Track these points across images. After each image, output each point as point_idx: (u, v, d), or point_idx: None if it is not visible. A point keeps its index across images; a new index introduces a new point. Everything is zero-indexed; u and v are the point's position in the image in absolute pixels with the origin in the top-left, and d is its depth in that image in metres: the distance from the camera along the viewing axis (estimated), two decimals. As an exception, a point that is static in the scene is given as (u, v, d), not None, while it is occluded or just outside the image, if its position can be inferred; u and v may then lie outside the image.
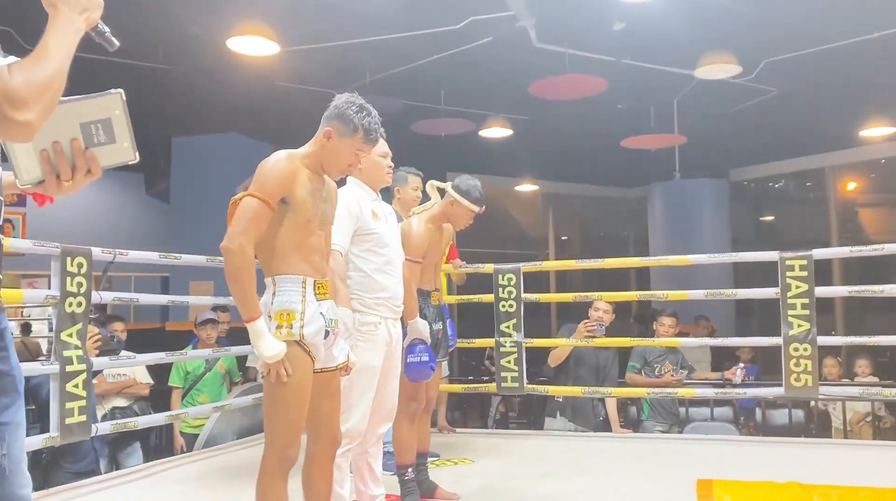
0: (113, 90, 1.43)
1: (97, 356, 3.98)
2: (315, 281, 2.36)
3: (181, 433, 5.45)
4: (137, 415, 4.98)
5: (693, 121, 8.82)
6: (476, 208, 3.40)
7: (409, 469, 3.26)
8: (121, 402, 5.18)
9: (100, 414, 4.99)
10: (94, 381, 4.98)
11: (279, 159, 2.32)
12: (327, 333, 2.36)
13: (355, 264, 2.90)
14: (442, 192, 3.44)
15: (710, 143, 9.67)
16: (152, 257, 4.24)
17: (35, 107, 1.29)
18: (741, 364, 5.62)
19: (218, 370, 5.60)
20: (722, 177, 10.56)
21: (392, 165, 3.08)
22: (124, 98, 1.44)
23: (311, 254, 2.36)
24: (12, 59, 1.31)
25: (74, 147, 1.43)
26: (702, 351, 7.04)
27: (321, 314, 2.34)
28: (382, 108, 8.76)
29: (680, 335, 6.04)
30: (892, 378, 6.49)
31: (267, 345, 2.21)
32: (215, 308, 5.84)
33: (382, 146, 3.01)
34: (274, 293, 2.31)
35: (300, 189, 2.32)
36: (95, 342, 4.04)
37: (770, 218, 13.33)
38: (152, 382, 5.32)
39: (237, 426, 5.26)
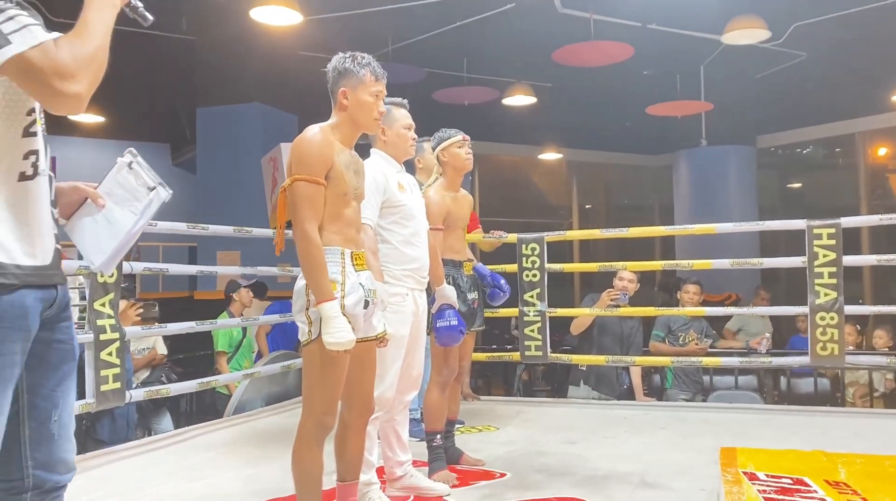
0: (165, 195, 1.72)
1: (139, 322, 4.06)
2: (352, 252, 2.39)
3: (226, 395, 5.56)
4: (164, 383, 5.12)
5: (720, 87, 8.68)
6: (458, 138, 3.38)
7: (438, 436, 3.30)
8: (144, 374, 5.31)
9: None
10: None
11: (315, 134, 2.35)
12: (367, 303, 2.39)
13: (383, 236, 2.91)
14: (439, 160, 3.43)
15: (736, 109, 9.51)
16: (180, 227, 4.29)
17: (83, 79, 1.35)
18: (767, 334, 5.58)
19: (250, 337, 5.71)
20: (749, 144, 10.39)
21: (416, 136, 3.07)
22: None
23: (346, 227, 2.40)
24: (56, 34, 1.36)
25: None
26: (763, 322, 6.98)
27: (360, 284, 2.38)
28: (404, 76, 8.72)
29: (705, 303, 6.02)
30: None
31: (335, 330, 2.23)
32: (247, 278, 5.90)
33: (406, 118, 3.01)
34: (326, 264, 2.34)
35: (337, 162, 2.35)
36: (138, 309, 4.13)
37: (797, 185, 13.15)
38: (166, 352, 5.45)
39: (266, 393, 5.34)
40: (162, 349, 5.44)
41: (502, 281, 3.63)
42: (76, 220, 1.71)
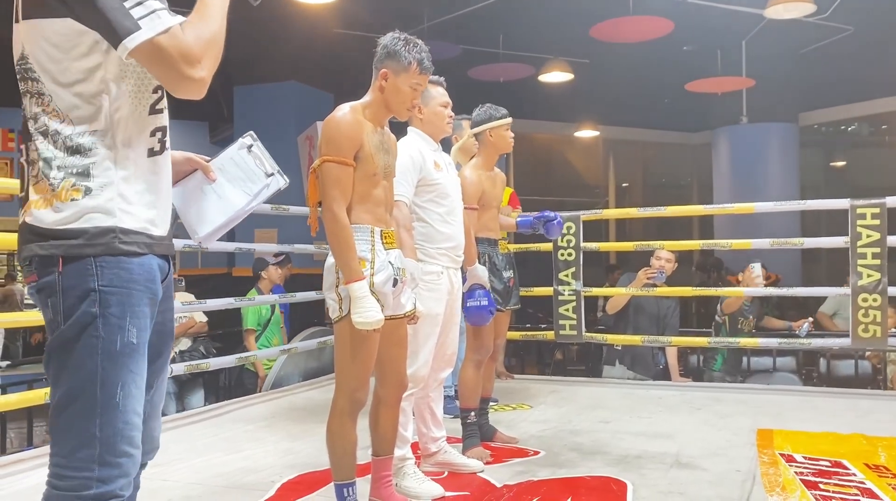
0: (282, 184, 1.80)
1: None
2: (382, 231, 2.41)
3: (253, 372, 5.65)
4: (204, 356, 5.22)
5: (762, 63, 8.48)
6: (507, 121, 3.38)
7: (472, 413, 3.33)
8: (185, 344, 5.42)
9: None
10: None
11: (344, 115, 2.35)
12: (396, 281, 2.41)
13: (418, 214, 2.92)
14: (476, 136, 3.41)
15: (779, 85, 9.29)
16: (219, 205, 4.34)
17: (207, 63, 1.40)
18: (810, 318, 5.48)
19: (279, 315, 5.77)
20: (791, 121, 10.15)
21: (453, 114, 3.06)
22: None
23: (376, 206, 2.41)
24: (181, 18, 1.40)
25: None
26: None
27: (389, 263, 2.40)
28: (439, 53, 8.69)
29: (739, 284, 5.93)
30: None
31: (364, 310, 2.26)
32: (277, 255, 5.97)
33: (443, 96, 3.00)
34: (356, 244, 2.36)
35: (367, 142, 2.36)
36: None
37: (841, 164, 12.84)
38: (206, 319, 5.54)
39: (303, 368, 5.44)
40: (201, 318, 5.55)
41: (547, 212, 3.66)
42: (182, 188, 1.74)
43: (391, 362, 2.51)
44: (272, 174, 1.76)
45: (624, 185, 14.01)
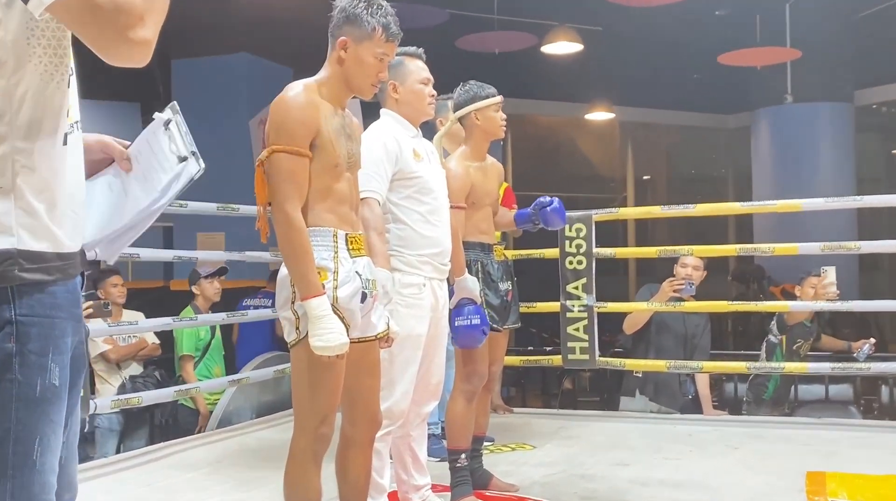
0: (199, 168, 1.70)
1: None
2: (347, 235, 2.41)
3: (191, 409, 5.63)
4: (160, 383, 5.20)
5: (810, 31, 8.56)
6: (497, 100, 3.38)
7: (463, 455, 3.33)
8: (135, 369, 5.41)
9: (116, 385, 5.23)
10: (109, 347, 5.23)
11: (297, 94, 2.36)
12: (364, 296, 2.42)
13: (394, 214, 2.93)
14: (461, 121, 3.41)
15: (830, 58, 9.38)
16: (152, 204, 4.33)
17: (150, 23, 1.35)
18: (872, 339, 5.52)
19: (219, 338, 5.75)
20: (845, 100, 10.24)
21: (435, 93, 3.07)
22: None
23: (339, 203, 2.41)
24: None
25: None
26: None
27: (357, 273, 2.40)
28: (423, 20, 8.70)
29: (789, 297, 5.98)
30: None
31: (324, 332, 2.25)
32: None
33: (423, 71, 3.02)
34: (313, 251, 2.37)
35: (325, 127, 2.36)
36: (86, 309, 4.19)
37: (906, 151, 12.97)
38: (158, 341, 5.53)
39: (256, 403, 5.43)
40: (153, 340, 5.53)
41: (544, 198, 3.62)
42: (93, 183, 1.67)
43: (361, 394, 2.52)
44: (185, 158, 1.66)
45: (645, 178, 14.09)
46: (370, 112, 2.70)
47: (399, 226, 2.94)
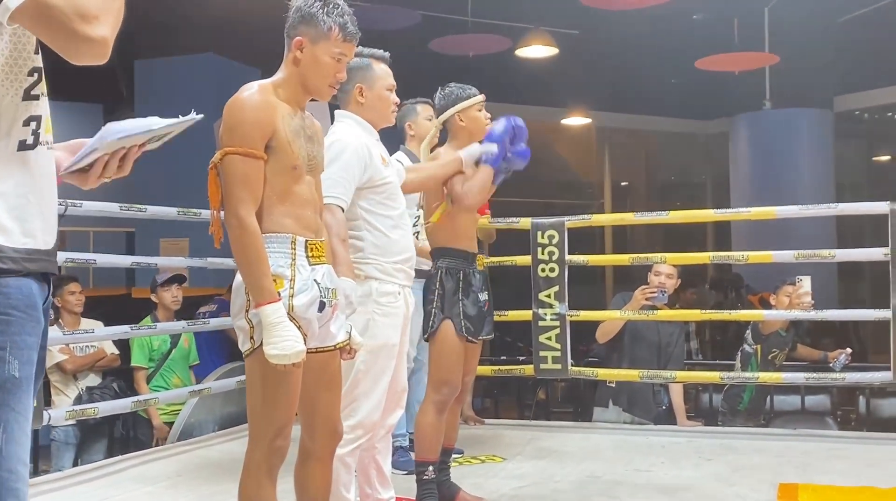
0: (197, 116, 1.73)
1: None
2: (307, 241, 2.41)
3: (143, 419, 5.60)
4: (118, 394, 5.17)
5: (789, 35, 8.67)
6: (479, 99, 3.42)
7: (431, 468, 3.34)
8: (93, 380, 5.37)
9: (72, 396, 5.20)
10: (65, 357, 5.19)
11: (251, 95, 2.36)
12: (323, 305, 2.41)
13: (367, 221, 2.95)
14: (444, 124, 3.45)
15: (809, 63, 9.49)
16: (112, 208, 4.32)
17: (107, 21, 1.43)
18: (848, 349, 5.60)
19: (183, 347, 5.72)
20: (825, 106, 10.37)
21: (398, 100, 3.09)
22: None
23: (299, 207, 2.41)
24: None
25: (131, 152, 1.67)
26: None
27: (315, 281, 2.40)
28: (394, 21, 8.69)
29: (767, 306, 6.04)
30: None
31: (279, 339, 2.24)
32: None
33: (390, 77, 3.03)
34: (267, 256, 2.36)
35: (283, 128, 2.36)
36: None
37: (886, 158, 13.14)
38: (118, 352, 5.50)
39: (219, 415, 5.41)
40: (112, 350, 5.50)
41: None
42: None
43: (321, 406, 2.52)
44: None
45: (623, 184, 14.19)
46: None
47: (374, 233, 2.95)
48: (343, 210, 2.84)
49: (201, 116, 1.74)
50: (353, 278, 2.75)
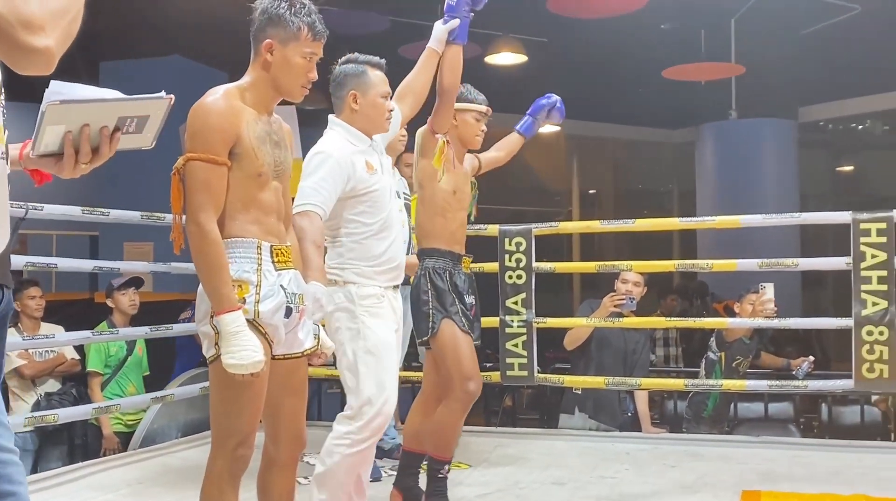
0: (165, 95, 1.71)
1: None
2: (272, 246, 2.40)
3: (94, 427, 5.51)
4: (77, 400, 5.09)
5: (754, 46, 8.78)
6: (481, 107, 3.45)
7: (446, 467, 3.37)
8: (52, 386, 5.28)
9: (31, 402, 5.11)
10: (24, 362, 5.11)
11: (215, 100, 2.35)
12: (290, 310, 2.40)
13: (348, 229, 2.96)
14: None
15: (775, 74, 9.62)
16: (74, 212, 4.27)
17: (53, 32, 1.42)
18: (811, 357, 5.67)
19: (137, 354, 5.65)
20: (789, 117, 10.51)
21: (393, 107, 3.07)
22: (171, 104, 1.73)
23: (265, 214, 2.40)
24: None
25: (103, 134, 1.63)
26: None
27: (281, 287, 2.39)
28: (364, 26, 8.68)
29: (731, 314, 6.10)
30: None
31: (237, 348, 2.23)
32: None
33: (384, 84, 3.00)
34: (228, 264, 2.35)
35: (247, 134, 2.35)
36: None
37: (849, 168, 13.33)
38: (78, 357, 5.42)
39: (182, 421, 5.36)
40: (72, 355, 5.41)
41: (544, 99, 3.99)
42: None
43: (285, 413, 2.50)
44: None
45: (591, 192, 14.27)
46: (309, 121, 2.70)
47: (354, 240, 2.95)
48: (321, 218, 2.81)
49: (171, 97, 1.72)
50: (325, 283, 2.73)
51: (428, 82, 3.31)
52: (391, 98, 3.09)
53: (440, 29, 3.31)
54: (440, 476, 3.35)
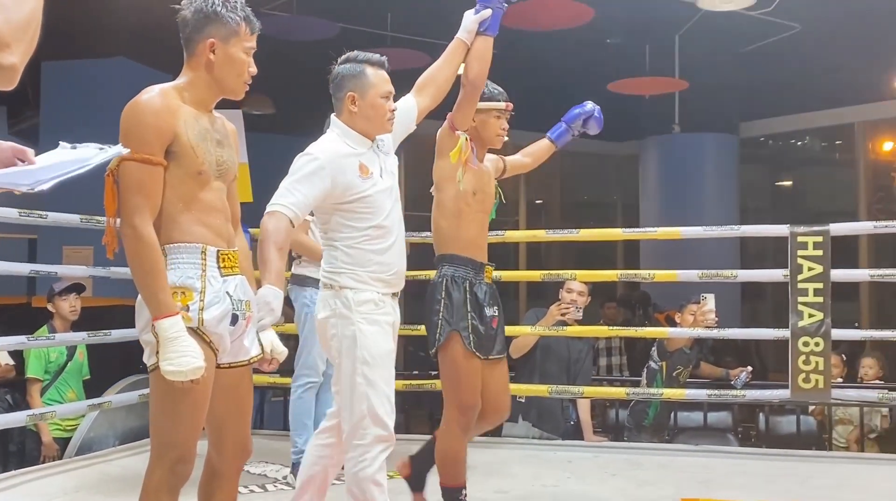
0: (124, 149, 1.95)
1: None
2: (219, 251, 2.35)
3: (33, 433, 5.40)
4: (11, 407, 4.97)
5: (698, 62, 8.92)
6: (500, 104, 3.34)
7: (464, 492, 3.26)
8: None
9: None
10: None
11: (150, 98, 2.29)
12: (236, 317, 2.36)
13: (342, 233, 2.85)
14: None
15: (717, 90, 9.78)
16: (10, 213, 4.18)
17: (17, 48, 1.43)
18: (749, 367, 5.77)
19: (78, 360, 5.54)
20: (731, 132, 10.70)
21: (396, 107, 2.93)
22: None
23: (207, 215, 2.35)
24: None
25: None
26: None
27: (227, 293, 2.34)
28: (312, 33, 8.61)
29: (673, 324, 6.19)
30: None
31: (176, 355, 2.17)
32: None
33: (385, 83, 2.88)
34: (165, 267, 2.29)
35: (185, 132, 2.29)
36: None
37: (788, 183, 13.59)
38: (13, 362, 5.29)
39: (121, 429, 5.28)
40: (7, 360, 5.29)
41: (581, 107, 3.83)
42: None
43: (230, 423, 2.45)
44: (102, 148, 1.86)
45: (538, 202, 14.34)
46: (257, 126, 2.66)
47: (347, 245, 2.84)
48: (291, 220, 2.72)
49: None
50: (281, 287, 2.64)
51: (452, 75, 3.18)
52: (412, 91, 3.00)
53: (470, 19, 3.15)
54: (459, 499, 3.26)
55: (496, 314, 3.35)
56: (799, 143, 12.82)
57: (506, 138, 3.49)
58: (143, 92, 2.32)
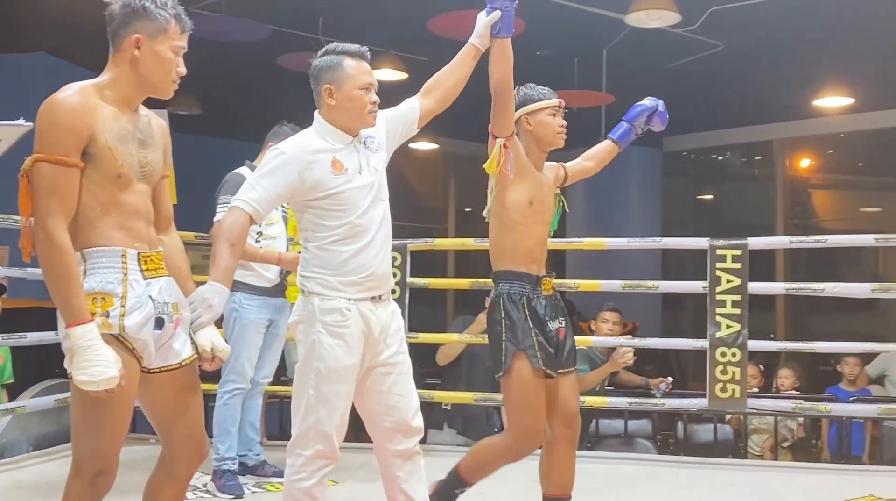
0: (24, 123, 1.62)
1: None
2: (140, 253, 2.30)
3: None
4: None
5: (624, 77, 9.08)
6: (553, 101, 3.24)
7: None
8: None
9: None
10: None
11: (67, 97, 2.22)
12: (161, 321, 2.31)
13: (313, 233, 2.77)
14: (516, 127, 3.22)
15: (642, 104, 9.97)
16: (-81, 212, 4.03)
17: None
18: (669, 378, 5.88)
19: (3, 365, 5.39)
20: (654, 146, 10.91)
21: (377, 100, 2.83)
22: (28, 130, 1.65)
23: (129, 218, 2.29)
24: None
25: None
26: None
27: (150, 297, 2.29)
28: (242, 34, 8.50)
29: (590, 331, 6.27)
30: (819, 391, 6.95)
31: (89, 364, 2.10)
32: None
33: (364, 75, 2.79)
34: (84, 272, 2.23)
35: (103, 132, 2.23)
36: None
37: (709, 197, 13.93)
38: None
39: (34, 434, 5.15)
40: None
41: (644, 104, 3.73)
42: None
43: (178, 427, 2.39)
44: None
45: (467, 210, 14.41)
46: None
47: (317, 246, 2.76)
48: (251, 216, 2.66)
49: (31, 125, 1.67)
50: (227, 284, 2.56)
51: (462, 80, 3.11)
52: (418, 93, 2.95)
53: (481, 22, 3.07)
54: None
55: (562, 325, 3.24)
56: (720, 158, 13.13)
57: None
58: (61, 90, 2.24)
